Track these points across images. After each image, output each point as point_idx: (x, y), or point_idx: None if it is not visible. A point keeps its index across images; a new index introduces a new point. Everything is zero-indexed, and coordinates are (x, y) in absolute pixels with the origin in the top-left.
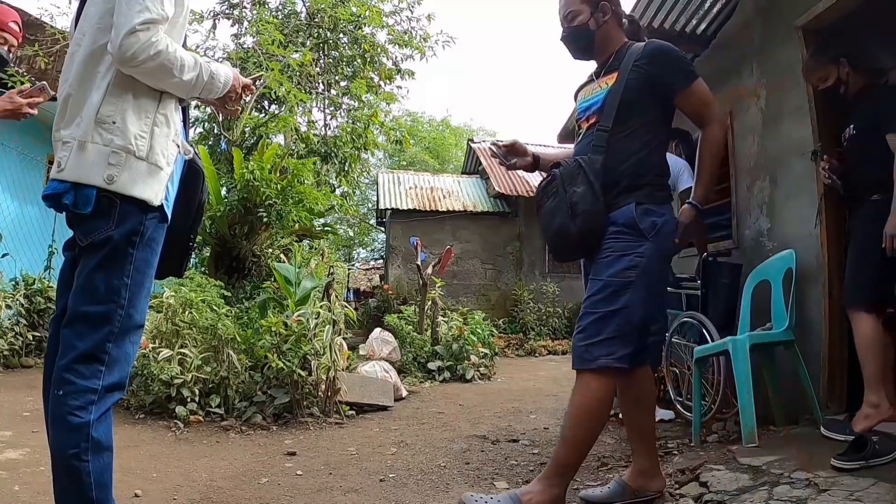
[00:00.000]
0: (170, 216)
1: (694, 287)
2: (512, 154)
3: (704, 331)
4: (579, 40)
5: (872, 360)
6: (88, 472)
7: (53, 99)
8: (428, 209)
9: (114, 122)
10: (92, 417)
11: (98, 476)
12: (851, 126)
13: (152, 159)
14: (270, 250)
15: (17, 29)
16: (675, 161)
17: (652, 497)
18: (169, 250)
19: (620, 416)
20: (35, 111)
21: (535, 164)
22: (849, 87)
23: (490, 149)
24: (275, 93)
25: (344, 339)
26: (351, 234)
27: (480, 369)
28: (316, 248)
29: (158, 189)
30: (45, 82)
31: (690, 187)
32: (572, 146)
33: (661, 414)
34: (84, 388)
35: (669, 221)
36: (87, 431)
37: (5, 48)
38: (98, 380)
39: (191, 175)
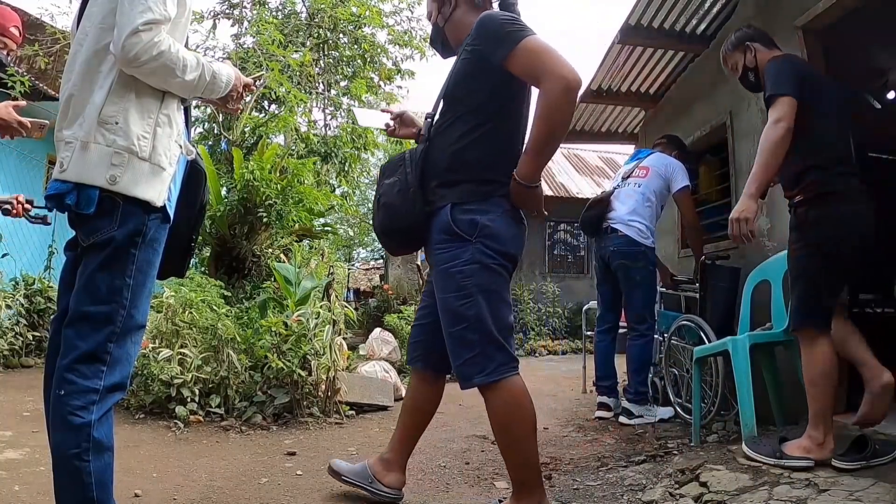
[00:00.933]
0: (172, 217)
1: (692, 290)
2: (401, 124)
3: (702, 333)
4: (434, 39)
5: (825, 390)
6: (89, 472)
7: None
8: None
9: (116, 123)
10: (93, 417)
11: (99, 476)
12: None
13: (155, 160)
14: (270, 250)
15: (18, 34)
16: (668, 161)
17: (383, 494)
18: (170, 251)
19: (597, 416)
20: (22, 134)
21: (419, 137)
22: (759, 72)
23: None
24: (275, 93)
25: (344, 339)
26: (351, 234)
27: None
28: (316, 248)
29: (161, 189)
30: (47, 122)
31: (685, 186)
32: (573, 146)
33: (661, 413)
34: (85, 388)
35: (495, 217)
36: (89, 431)
37: (4, 52)
38: (99, 380)
39: (193, 175)
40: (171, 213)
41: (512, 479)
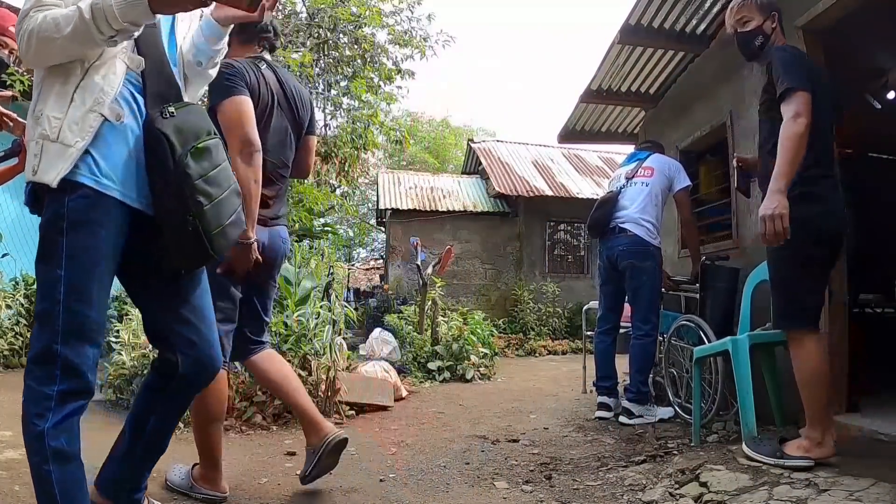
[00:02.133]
0: (123, 193)
1: (692, 290)
2: None
3: (702, 334)
4: None
5: (819, 390)
6: (52, 482)
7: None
8: (428, 209)
9: (42, 114)
10: (47, 426)
11: (63, 487)
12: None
13: (61, 138)
14: None
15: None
16: (670, 161)
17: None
18: (168, 237)
19: (597, 416)
20: (9, 125)
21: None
22: (767, 45)
23: None
24: None
25: (344, 339)
26: (351, 234)
27: (480, 369)
28: (316, 248)
29: (62, 167)
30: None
31: (687, 186)
32: (573, 146)
33: (661, 412)
34: (39, 393)
35: None
36: (44, 440)
37: (6, 52)
38: (53, 384)
39: (151, 142)
40: (114, 188)
41: None
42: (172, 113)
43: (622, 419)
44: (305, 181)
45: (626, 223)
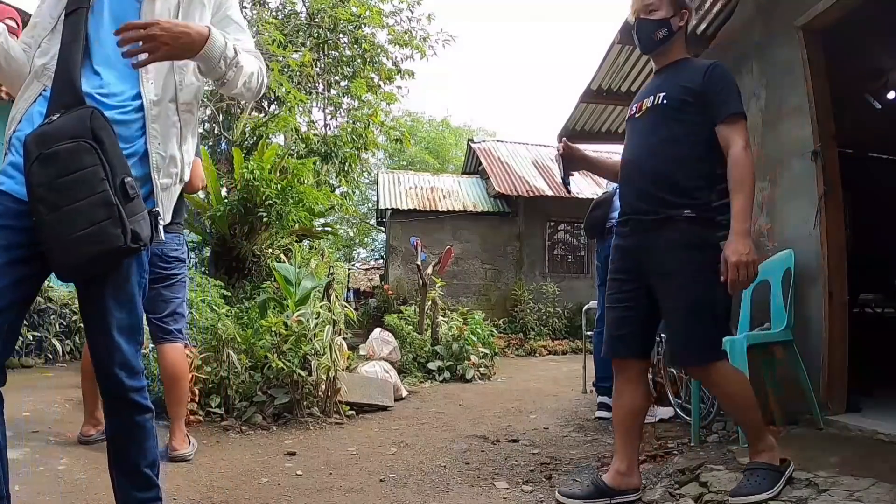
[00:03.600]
0: (10, 185)
1: None
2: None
3: None
4: None
5: (753, 407)
6: None
7: None
8: (428, 209)
9: None
10: None
11: None
12: (652, 98)
13: None
14: (270, 250)
15: (15, 25)
16: None
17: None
18: (43, 240)
19: (597, 416)
20: None
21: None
22: (668, 41)
23: None
24: (275, 93)
25: (344, 339)
26: (351, 234)
27: (480, 369)
28: (316, 248)
29: None
30: None
31: None
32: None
33: (661, 412)
34: None
35: None
36: None
37: None
38: None
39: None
40: (7, 182)
41: None
42: (52, 120)
43: None
44: (305, 181)
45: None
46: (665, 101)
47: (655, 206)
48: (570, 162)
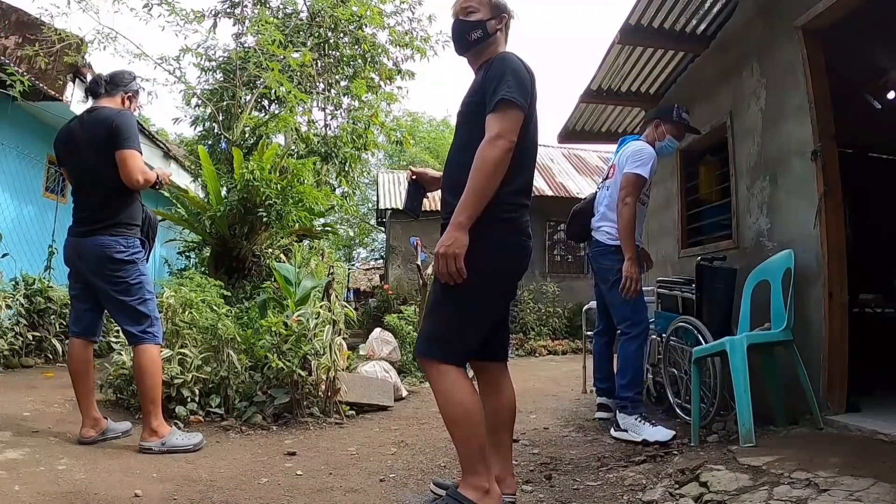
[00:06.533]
0: None
1: (689, 291)
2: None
3: (699, 335)
4: None
5: (476, 433)
6: None
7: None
8: (428, 209)
9: None
10: None
11: None
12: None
13: None
14: (270, 250)
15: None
16: (627, 150)
17: None
18: None
19: (597, 417)
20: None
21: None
22: (483, 42)
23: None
24: (275, 93)
25: (344, 339)
26: (351, 234)
27: None
28: (316, 248)
29: None
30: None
31: (628, 173)
32: (573, 146)
33: (649, 433)
34: None
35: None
36: None
37: None
38: None
39: None
40: None
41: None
42: None
43: (611, 430)
44: (305, 181)
45: (593, 230)
46: (460, 107)
47: (448, 216)
48: (428, 185)
